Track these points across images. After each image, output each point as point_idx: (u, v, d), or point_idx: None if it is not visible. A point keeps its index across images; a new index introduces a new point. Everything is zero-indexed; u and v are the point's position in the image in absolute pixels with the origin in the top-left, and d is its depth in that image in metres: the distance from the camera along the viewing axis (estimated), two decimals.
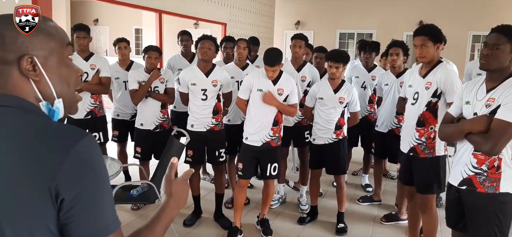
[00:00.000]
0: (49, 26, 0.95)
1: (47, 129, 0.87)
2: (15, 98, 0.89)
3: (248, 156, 3.54)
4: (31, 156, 0.82)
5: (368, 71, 4.67)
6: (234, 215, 3.67)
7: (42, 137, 0.84)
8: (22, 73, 0.90)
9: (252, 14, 10.13)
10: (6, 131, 0.85)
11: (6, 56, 0.88)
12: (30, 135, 0.84)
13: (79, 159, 0.83)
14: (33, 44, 0.90)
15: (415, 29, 2.91)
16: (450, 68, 2.85)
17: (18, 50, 0.89)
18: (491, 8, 11.42)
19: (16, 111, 0.88)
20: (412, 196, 3.18)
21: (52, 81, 0.94)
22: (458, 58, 9.95)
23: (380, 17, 12.80)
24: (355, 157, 5.36)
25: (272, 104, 3.39)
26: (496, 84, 2.17)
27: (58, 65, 0.95)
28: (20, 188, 0.81)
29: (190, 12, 7.49)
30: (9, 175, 0.82)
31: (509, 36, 2.11)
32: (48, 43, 0.93)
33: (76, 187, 0.82)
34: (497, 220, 2.17)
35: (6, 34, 0.89)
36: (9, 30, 0.89)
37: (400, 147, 3.09)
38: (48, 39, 0.93)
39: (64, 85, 0.97)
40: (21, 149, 0.82)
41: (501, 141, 2.06)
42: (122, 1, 5.76)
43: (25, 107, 0.89)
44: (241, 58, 4.16)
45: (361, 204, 4.42)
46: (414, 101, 2.93)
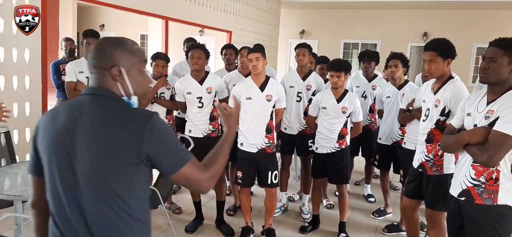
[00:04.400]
0: (133, 47, 1.42)
1: (129, 111, 1.36)
2: (108, 90, 1.36)
3: (246, 163, 3.56)
4: (127, 127, 1.29)
5: (368, 80, 4.71)
6: (244, 217, 3.74)
7: (127, 115, 1.33)
8: (111, 77, 1.36)
9: (257, 23, 10.20)
10: (103, 110, 1.33)
11: (105, 65, 1.36)
12: (118, 113, 1.33)
13: (155, 126, 1.30)
14: (121, 58, 1.37)
15: (425, 43, 2.87)
16: (458, 86, 2.79)
17: (111, 62, 1.36)
18: (495, 20, 11.44)
19: (107, 98, 1.35)
20: (406, 210, 3.17)
21: (131, 84, 1.39)
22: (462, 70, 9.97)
23: (385, 28, 12.83)
24: (357, 167, 5.37)
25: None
26: (496, 97, 2.19)
27: (136, 74, 1.41)
28: (118, 150, 1.27)
29: (196, 20, 7.56)
30: (106, 140, 1.28)
31: (506, 49, 2.13)
32: (131, 59, 1.39)
33: (156, 143, 1.29)
34: (496, 232, 2.17)
35: (107, 50, 1.37)
36: (109, 48, 1.38)
37: (413, 162, 3.07)
38: (131, 56, 1.39)
39: (138, 88, 1.42)
40: (118, 123, 1.30)
41: (498, 153, 2.07)
42: (128, 7, 5.83)
43: (113, 97, 1.36)
44: (244, 66, 4.20)
45: (377, 218, 4.36)
46: (425, 117, 2.93)
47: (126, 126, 1.29)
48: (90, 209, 1.28)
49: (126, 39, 1.43)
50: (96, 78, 1.38)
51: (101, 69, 1.36)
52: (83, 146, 1.28)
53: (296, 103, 4.21)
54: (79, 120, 1.30)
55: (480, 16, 11.73)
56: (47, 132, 1.35)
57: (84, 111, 1.31)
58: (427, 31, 12.39)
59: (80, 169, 1.28)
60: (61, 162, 1.31)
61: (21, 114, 4.19)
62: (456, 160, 2.72)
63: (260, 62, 3.45)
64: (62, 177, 1.30)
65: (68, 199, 1.29)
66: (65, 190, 1.30)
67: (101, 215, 1.29)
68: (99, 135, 1.28)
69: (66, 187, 1.30)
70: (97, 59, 1.37)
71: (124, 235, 1.31)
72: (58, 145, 1.31)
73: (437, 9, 12.13)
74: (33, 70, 4.25)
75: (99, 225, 1.29)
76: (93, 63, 1.38)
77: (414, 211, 3.17)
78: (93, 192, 1.28)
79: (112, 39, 1.41)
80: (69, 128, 1.30)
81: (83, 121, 1.30)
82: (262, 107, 3.45)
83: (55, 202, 1.33)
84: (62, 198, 1.30)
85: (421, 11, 12.37)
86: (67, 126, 1.31)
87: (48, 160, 1.33)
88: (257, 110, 3.46)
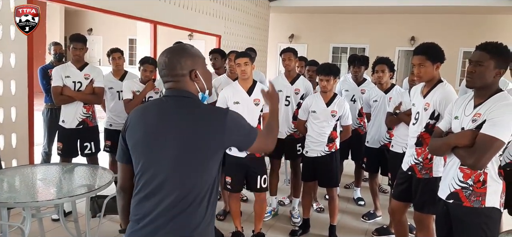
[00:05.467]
0: (196, 51, 1.70)
1: (206, 108, 1.68)
2: (186, 91, 1.64)
3: (235, 168, 3.55)
4: (209, 121, 1.60)
5: (357, 84, 4.73)
6: (234, 222, 3.72)
7: (210, 112, 1.67)
8: (190, 79, 1.64)
9: (247, 27, 10.21)
10: (187, 109, 1.61)
11: (183, 72, 1.63)
12: (204, 111, 1.64)
13: (231, 119, 1.63)
14: (196, 64, 1.66)
15: (414, 47, 2.89)
16: (448, 90, 2.81)
17: (189, 68, 1.64)
18: (482, 25, 11.62)
19: (190, 100, 1.64)
20: (395, 213, 3.18)
21: (204, 81, 1.69)
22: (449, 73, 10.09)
23: (373, 32, 12.95)
24: (347, 170, 5.38)
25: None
26: (483, 100, 2.21)
27: (204, 71, 1.70)
28: (203, 141, 1.56)
29: (185, 24, 7.53)
30: (199, 134, 1.56)
31: (491, 53, 2.16)
32: (199, 61, 1.68)
33: (233, 134, 1.63)
34: (484, 234, 2.19)
35: (182, 61, 1.63)
36: (182, 58, 1.64)
37: (402, 165, 3.08)
38: (200, 60, 1.69)
39: (207, 81, 1.72)
40: (201, 119, 1.60)
41: (485, 155, 2.09)
42: (116, 11, 5.78)
43: (192, 97, 1.65)
44: (233, 70, 4.19)
45: (367, 221, 4.37)
46: (415, 121, 2.93)
47: (209, 121, 1.60)
48: (175, 186, 1.55)
49: (187, 45, 1.72)
50: (174, 84, 1.64)
51: (180, 76, 1.63)
52: (172, 138, 1.56)
53: (285, 107, 4.21)
54: (169, 117, 1.60)
55: (466, 21, 11.90)
56: (138, 127, 1.63)
57: (172, 111, 1.62)
58: (414, 35, 12.54)
59: (169, 156, 1.56)
60: (157, 150, 1.57)
61: (7, 119, 4.12)
62: (445, 163, 2.74)
63: (249, 67, 3.44)
64: (157, 163, 1.57)
65: (160, 179, 1.55)
66: (158, 172, 1.56)
67: (184, 188, 1.55)
68: (190, 128, 1.57)
69: (159, 170, 1.56)
70: (173, 68, 1.63)
71: (196, 204, 1.57)
72: (152, 137, 1.59)
73: (424, 14, 12.28)
74: (20, 74, 4.19)
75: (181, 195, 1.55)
76: (170, 72, 1.63)
77: (402, 213, 3.18)
78: (178, 173, 1.56)
79: (180, 49, 1.67)
80: (159, 124, 1.59)
81: (172, 118, 1.60)
82: (249, 112, 3.44)
83: (146, 182, 1.58)
84: (155, 178, 1.56)
85: (408, 15, 12.51)
86: (158, 122, 1.60)
87: (141, 150, 1.60)
88: (244, 114, 3.39)
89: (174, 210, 1.53)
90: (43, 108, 5.00)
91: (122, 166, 1.72)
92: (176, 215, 1.53)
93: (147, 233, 1.55)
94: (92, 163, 4.18)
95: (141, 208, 1.58)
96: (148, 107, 1.70)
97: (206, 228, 1.61)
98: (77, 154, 4.17)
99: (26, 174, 3.23)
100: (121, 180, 1.74)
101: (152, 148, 1.58)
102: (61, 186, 3.08)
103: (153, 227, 1.54)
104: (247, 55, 3.48)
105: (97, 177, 3.18)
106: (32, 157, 4.48)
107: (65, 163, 3.87)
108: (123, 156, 1.69)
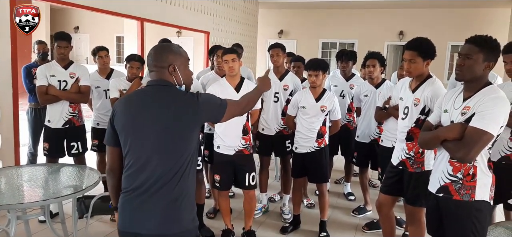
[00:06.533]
0: (180, 50, 1.93)
1: (184, 94, 1.88)
2: (166, 81, 1.87)
3: (223, 166, 3.52)
4: (184, 104, 1.84)
5: (346, 80, 4.73)
6: (224, 220, 3.70)
7: (185, 96, 1.87)
8: (169, 72, 1.87)
9: (235, 23, 10.17)
10: (166, 95, 1.84)
11: (163, 64, 1.87)
12: (179, 96, 1.86)
13: (202, 98, 1.89)
14: (175, 59, 1.88)
15: (406, 42, 2.87)
16: (438, 86, 2.81)
17: (168, 62, 1.87)
18: (470, 19, 11.72)
19: (168, 88, 1.87)
20: (382, 207, 3.17)
21: (182, 77, 1.90)
22: (437, 67, 10.17)
23: (362, 27, 12.99)
24: (336, 166, 5.38)
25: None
26: (472, 93, 2.21)
27: (184, 69, 1.93)
28: (186, 120, 1.82)
29: (173, 21, 7.47)
30: (176, 116, 1.80)
31: (480, 46, 2.15)
32: (181, 59, 1.91)
33: (206, 109, 1.92)
34: (474, 227, 2.19)
35: (164, 54, 1.88)
36: (165, 52, 1.89)
37: (391, 159, 3.08)
38: (181, 57, 1.92)
39: (186, 78, 1.93)
40: (177, 103, 1.83)
41: (474, 148, 2.09)
42: (103, 9, 5.70)
43: (170, 86, 1.88)
44: (220, 67, 4.15)
45: (357, 216, 4.38)
46: (404, 115, 2.92)
47: (184, 103, 1.84)
48: (161, 160, 1.80)
49: (174, 44, 1.99)
50: (157, 74, 1.88)
51: (161, 67, 1.87)
52: (156, 120, 1.80)
53: (274, 104, 4.19)
54: (150, 103, 1.83)
55: (454, 14, 11.99)
56: (124, 113, 1.85)
57: (153, 97, 1.85)
58: (402, 29, 12.61)
59: (153, 135, 1.79)
60: (141, 131, 1.80)
61: None
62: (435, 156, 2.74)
63: (236, 63, 3.41)
64: (143, 142, 1.80)
65: (146, 156, 1.80)
66: (144, 150, 1.80)
67: (167, 163, 1.81)
68: (168, 111, 1.80)
69: (145, 149, 1.80)
70: (157, 60, 1.88)
71: (179, 175, 1.83)
72: (138, 121, 1.82)
73: (413, 8, 12.35)
74: (3, 74, 4.10)
75: (166, 168, 1.81)
76: (154, 63, 1.88)
77: (390, 208, 3.17)
78: (161, 150, 1.80)
79: (165, 46, 1.96)
80: (143, 109, 1.83)
81: (153, 104, 1.83)
82: None
83: (134, 159, 1.81)
84: (141, 155, 1.80)
85: (397, 10, 12.58)
86: (142, 107, 1.83)
87: (127, 133, 1.83)
88: None
89: (161, 181, 1.79)
90: (27, 108, 4.91)
91: (110, 148, 1.94)
92: (163, 185, 1.79)
93: (140, 201, 1.81)
94: (79, 163, 4.11)
95: (133, 181, 1.82)
96: (131, 96, 1.94)
97: (188, 190, 1.88)
98: (64, 154, 4.10)
99: (11, 175, 3.16)
100: (110, 161, 1.96)
101: (137, 130, 1.81)
102: (47, 187, 3.03)
103: (146, 196, 1.80)
104: (234, 52, 3.44)
105: (84, 177, 3.14)
106: (18, 158, 4.40)
107: (52, 163, 3.80)
108: (111, 139, 1.91)
